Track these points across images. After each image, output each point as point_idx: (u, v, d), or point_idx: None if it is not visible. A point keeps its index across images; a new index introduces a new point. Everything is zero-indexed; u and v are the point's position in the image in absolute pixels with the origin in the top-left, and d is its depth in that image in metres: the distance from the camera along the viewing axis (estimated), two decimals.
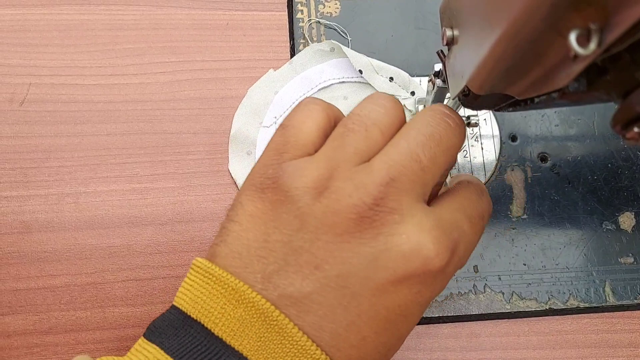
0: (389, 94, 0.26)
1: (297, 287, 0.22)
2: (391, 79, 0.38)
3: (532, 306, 0.36)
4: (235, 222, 0.24)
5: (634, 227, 0.38)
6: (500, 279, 0.36)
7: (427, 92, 0.35)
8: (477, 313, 0.35)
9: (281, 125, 0.26)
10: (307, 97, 0.27)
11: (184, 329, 0.22)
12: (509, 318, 0.36)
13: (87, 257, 0.35)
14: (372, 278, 0.22)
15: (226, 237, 0.24)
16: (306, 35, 0.40)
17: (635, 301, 0.36)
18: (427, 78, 0.39)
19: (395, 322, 0.23)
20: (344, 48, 0.38)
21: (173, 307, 0.24)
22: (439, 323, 0.35)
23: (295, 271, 0.22)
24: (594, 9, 0.16)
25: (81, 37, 0.39)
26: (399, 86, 0.38)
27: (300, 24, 0.40)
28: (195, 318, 0.22)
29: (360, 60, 0.38)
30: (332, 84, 0.39)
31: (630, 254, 0.37)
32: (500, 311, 0.36)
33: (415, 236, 0.22)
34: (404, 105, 0.38)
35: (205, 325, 0.22)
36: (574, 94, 0.20)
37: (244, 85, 0.39)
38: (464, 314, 0.35)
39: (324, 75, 0.39)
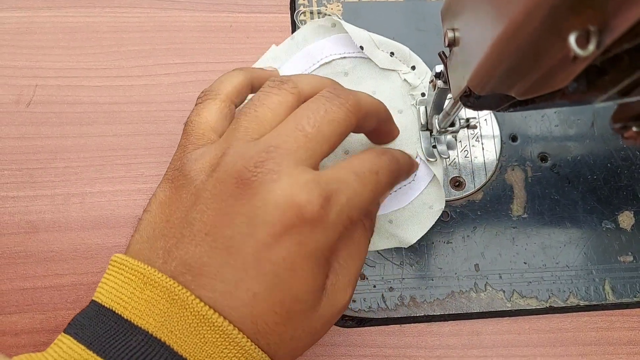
0: (285, 77, 0.29)
1: (191, 254, 0.24)
2: (392, 53, 0.38)
3: (533, 304, 0.36)
4: (147, 212, 0.27)
5: (633, 226, 0.38)
6: (501, 277, 0.37)
7: (428, 93, 0.35)
8: (478, 311, 0.36)
9: (185, 123, 0.29)
10: (201, 94, 0.31)
11: (97, 317, 0.24)
12: (509, 316, 0.36)
13: (93, 256, 0.35)
14: (253, 234, 0.23)
15: (139, 227, 0.27)
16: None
17: (635, 299, 0.36)
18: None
19: (283, 276, 0.24)
20: (344, 24, 0.38)
21: (92, 301, 0.25)
22: (440, 321, 0.36)
23: (189, 241, 0.24)
24: (593, 12, 0.16)
25: (86, 39, 0.40)
26: (400, 61, 0.39)
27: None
28: (108, 307, 0.24)
29: (361, 35, 0.38)
30: (334, 60, 0.39)
31: (630, 253, 0.37)
32: (501, 309, 0.36)
33: (289, 189, 0.23)
34: (405, 79, 0.38)
35: (116, 311, 0.24)
36: (573, 95, 0.21)
37: None
38: (465, 312, 0.36)
39: (325, 51, 0.39)
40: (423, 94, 0.38)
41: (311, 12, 0.41)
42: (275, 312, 0.24)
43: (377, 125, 0.31)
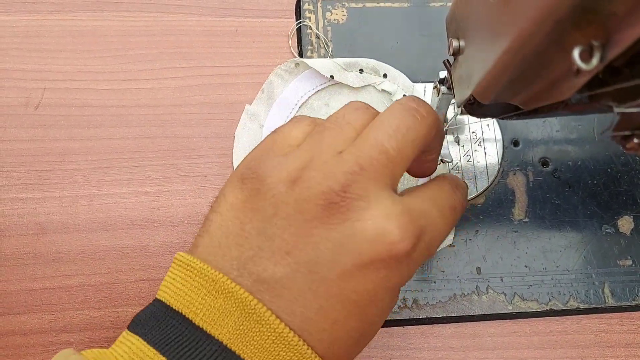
0: (361, 101, 0.27)
1: (270, 272, 0.23)
2: (361, 70, 0.39)
3: (533, 307, 0.37)
4: (216, 213, 0.25)
5: (632, 230, 0.38)
6: (502, 280, 0.37)
7: (432, 98, 0.35)
8: (479, 314, 0.36)
9: (272, 131, 0.28)
10: (296, 115, 0.29)
11: (165, 320, 0.23)
12: (510, 319, 0.37)
13: (101, 257, 0.36)
14: (339, 262, 0.23)
15: (208, 228, 0.25)
16: (314, 42, 0.41)
17: (634, 302, 0.37)
18: (432, 84, 0.40)
19: (364, 306, 0.23)
20: (307, 60, 0.38)
21: (156, 300, 0.24)
22: (442, 323, 0.36)
23: (268, 257, 0.23)
24: (597, 27, 0.16)
25: (94, 43, 0.40)
26: (370, 74, 0.39)
27: (308, 31, 0.41)
28: (177, 309, 0.23)
29: (326, 65, 0.38)
30: (310, 97, 0.39)
31: (629, 257, 0.38)
32: (503, 312, 0.36)
33: (381, 221, 0.22)
34: (382, 89, 0.39)
35: (186, 315, 0.23)
36: (576, 105, 0.21)
37: (252, 91, 0.39)
38: (467, 314, 0.36)
39: (298, 92, 0.39)
40: (405, 95, 0.38)
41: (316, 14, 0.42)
42: (350, 337, 0.24)
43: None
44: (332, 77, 0.39)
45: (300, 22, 0.41)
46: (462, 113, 0.31)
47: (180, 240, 0.36)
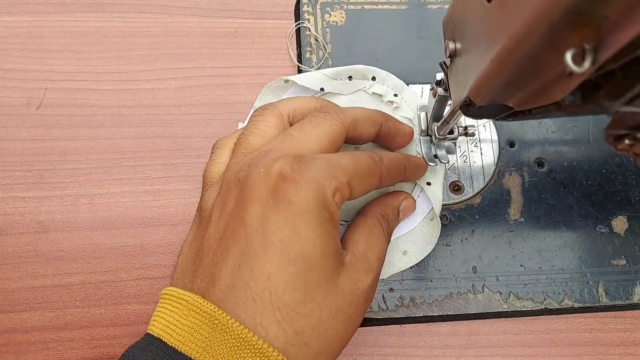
0: (264, 106, 0.32)
1: (210, 264, 0.26)
2: (350, 77, 0.39)
3: (529, 306, 0.37)
4: (180, 254, 0.29)
5: (626, 230, 0.39)
6: (498, 279, 0.37)
7: (429, 100, 0.36)
8: (475, 312, 0.37)
9: (202, 175, 0.32)
10: (214, 144, 0.34)
11: (147, 347, 0.25)
12: (506, 317, 0.37)
13: (102, 256, 0.36)
14: (250, 213, 0.25)
15: (176, 268, 0.29)
16: (313, 44, 0.41)
17: (627, 301, 0.37)
18: (428, 86, 0.40)
19: (289, 243, 0.24)
20: (296, 77, 0.38)
21: (145, 334, 0.26)
22: (439, 321, 0.37)
23: (207, 254, 0.26)
24: (589, 31, 0.17)
25: (95, 44, 0.40)
26: (359, 79, 0.39)
27: (307, 32, 0.42)
28: (157, 336, 0.25)
29: (315, 78, 0.39)
30: None
31: (623, 257, 0.38)
32: (498, 310, 0.37)
33: (270, 164, 0.26)
34: (373, 92, 0.39)
35: (162, 339, 0.25)
36: (569, 107, 0.22)
37: (252, 91, 0.40)
38: (463, 313, 0.37)
39: None
40: (396, 94, 0.38)
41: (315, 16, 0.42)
42: (293, 288, 0.24)
43: (380, 130, 0.32)
44: (322, 89, 0.39)
45: (299, 24, 0.42)
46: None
47: (179, 239, 0.37)
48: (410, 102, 0.39)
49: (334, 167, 0.26)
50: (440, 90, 0.33)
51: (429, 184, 0.36)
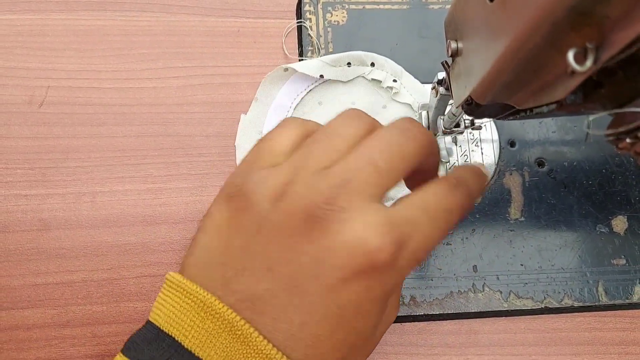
0: (356, 109, 0.26)
1: (252, 290, 0.23)
2: (349, 64, 0.39)
3: (529, 305, 0.37)
4: (203, 233, 0.25)
5: (626, 230, 0.39)
6: (498, 278, 0.38)
7: (430, 99, 0.36)
8: (476, 311, 0.37)
9: (259, 139, 0.27)
10: (284, 119, 0.28)
11: (156, 342, 0.23)
12: (506, 316, 0.37)
13: (104, 253, 0.36)
14: (320, 276, 0.22)
15: (194, 249, 0.25)
16: (314, 43, 0.42)
17: (627, 301, 0.38)
18: (430, 85, 0.40)
19: (349, 319, 0.23)
20: (295, 65, 0.38)
21: (148, 322, 0.24)
22: (439, 320, 0.37)
23: (250, 274, 0.23)
24: (591, 30, 0.17)
25: (97, 42, 0.41)
26: (358, 66, 0.40)
27: (309, 32, 0.42)
28: (167, 332, 0.23)
29: (314, 66, 0.39)
30: (303, 97, 0.40)
31: (623, 256, 0.39)
32: (498, 309, 0.37)
33: (360, 232, 0.22)
34: (372, 78, 0.39)
35: (175, 338, 0.23)
36: (571, 106, 0.22)
37: (254, 90, 0.40)
38: (463, 311, 0.37)
39: (291, 94, 0.40)
40: (395, 80, 0.38)
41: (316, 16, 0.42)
42: (337, 350, 0.23)
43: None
44: (321, 76, 0.39)
45: (300, 22, 0.42)
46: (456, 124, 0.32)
47: (181, 237, 0.37)
48: (410, 88, 0.39)
49: (425, 252, 0.24)
50: (441, 89, 0.33)
51: None
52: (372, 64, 0.39)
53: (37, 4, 0.41)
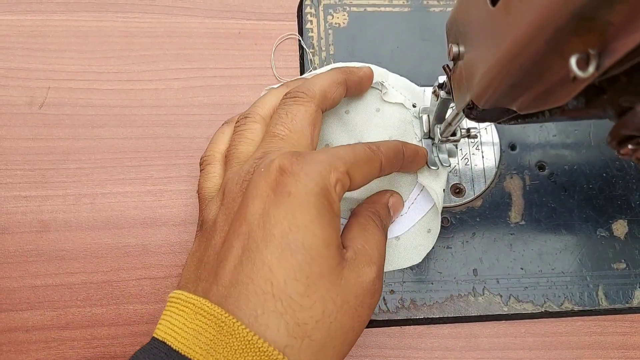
0: (242, 114, 0.33)
1: (213, 265, 0.26)
2: None
3: (529, 308, 0.37)
4: (184, 267, 0.29)
5: (626, 234, 0.39)
6: (498, 282, 0.38)
7: (431, 102, 0.36)
8: (476, 314, 0.37)
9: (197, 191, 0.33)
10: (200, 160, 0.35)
11: (151, 351, 0.25)
12: (506, 320, 0.37)
13: (103, 255, 0.36)
14: (251, 210, 0.26)
15: (181, 279, 0.29)
16: (315, 45, 0.42)
17: (627, 305, 0.37)
18: (431, 88, 0.40)
19: (288, 235, 0.25)
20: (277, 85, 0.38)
21: (152, 338, 0.26)
22: (439, 323, 0.37)
23: (212, 259, 0.27)
24: (593, 36, 0.17)
25: (98, 44, 0.40)
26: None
27: (310, 34, 0.42)
28: (161, 339, 0.25)
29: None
30: None
31: (623, 260, 0.38)
32: (498, 313, 0.37)
33: (269, 162, 0.27)
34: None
35: (166, 342, 0.24)
36: (572, 111, 0.22)
37: (254, 93, 0.40)
38: (463, 315, 0.37)
39: None
40: (382, 83, 0.38)
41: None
42: (295, 280, 0.24)
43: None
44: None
45: (291, 35, 0.42)
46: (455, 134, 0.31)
47: (181, 240, 0.37)
48: (398, 87, 0.39)
49: (333, 157, 0.27)
50: (442, 93, 0.33)
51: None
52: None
53: (38, 4, 0.41)
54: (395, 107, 0.38)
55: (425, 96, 0.40)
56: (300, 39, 0.42)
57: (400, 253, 0.36)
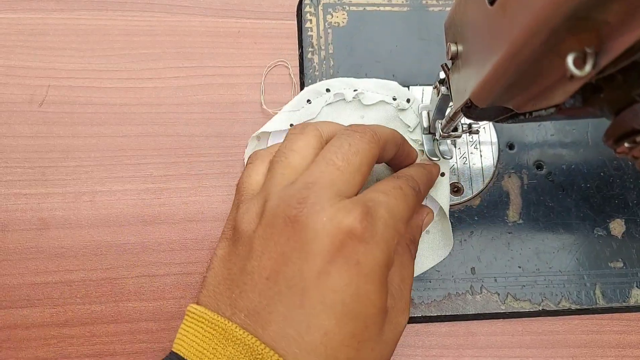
0: (299, 126, 0.31)
1: (256, 302, 0.25)
2: (308, 101, 0.39)
3: (526, 307, 0.37)
4: (210, 269, 0.28)
5: (623, 233, 0.39)
6: (496, 280, 0.38)
7: (431, 98, 0.36)
8: (473, 313, 0.37)
9: (237, 183, 0.31)
10: (250, 155, 0.33)
11: None
12: (503, 318, 0.37)
13: (103, 253, 0.36)
14: (310, 265, 0.24)
15: (205, 283, 0.28)
16: (314, 44, 0.42)
17: (624, 304, 0.38)
18: (429, 87, 0.40)
19: (349, 303, 0.24)
20: (264, 128, 0.38)
21: (172, 352, 0.26)
22: (437, 322, 0.37)
23: (251, 289, 0.25)
24: (590, 35, 0.17)
25: (98, 42, 0.41)
26: (315, 98, 0.39)
27: (309, 33, 0.42)
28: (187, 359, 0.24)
29: (280, 120, 0.38)
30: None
31: (620, 259, 0.39)
32: (496, 311, 0.37)
33: (333, 214, 0.25)
34: (337, 99, 0.39)
35: None
36: (570, 110, 0.22)
37: (254, 91, 0.40)
38: (461, 313, 0.37)
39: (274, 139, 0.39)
40: (355, 90, 0.38)
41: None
42: (347, 346, 0.24)
43: (395, 152, 0.32)
44: (291, 125, 0.38)
45: (280, 63, 0.42)
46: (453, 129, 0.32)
47: (180, 237, 0.37)
48: (370, 88, 0.39)
49: (397, 220, 0.27)
50: (443, 89, 0.33)
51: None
52: (328, 90, 0.39)
53: (38, 3, 0.41)
54: (377, 107, 0.38)
55: (425, 94, 0.40)
56: (289, 67, 0.41)
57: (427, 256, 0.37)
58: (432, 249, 0.37)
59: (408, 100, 0.38)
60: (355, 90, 0.38)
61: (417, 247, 0.33)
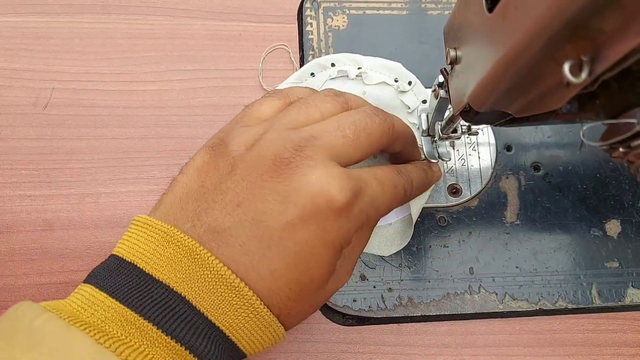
0: (334, 90, 0.31)
1: (220, 222, 0.25)
2: (312, 74, 0.40)
3: (524, 306, 0.38)
4: (183, 174, 0.28)
5: (619, 233, 0.40)
6: (494, 280, 0.38)
7: (430, 101, 0.37)
8: (472, 312, 0.37)
9: (245, 105, 0.31)
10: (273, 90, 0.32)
11: (118, 270, 0.25)
12: (501, 317, 0.38)
13: (107, 254, 0.36)
14: (283, 213, 0.25)
15: (173, 187, 0.28)
16: (315, 47, 0.42)
17: (620, 303, 0.38)
18: (429, 90, 0.41)
19: (303, 258, 0.25)
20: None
21: (111, 255, 0.26)
22: (436, 321, 0.37)
23: (220, 208, 0.25)
24: (586, 43, 0.18)
25: (102, 45, 0.41)
26: (320, 72, 0.40)
27: (310, 36, 0.42)
28: (129, 260, 0.25)
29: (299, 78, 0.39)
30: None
31: (616, 259, 0.39)
32: (494, 311, 0.38)
33: (323, 178, 0.25)
34: (338, 71, 0.39)
35: (137, 265, 0.24)
36: (566, 115, 0.22)
37: (255, 94, 0.41)
38: (459, 312, 0.37)
39: None
40: (359, 68, 0.39)
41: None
42: (290, 289, 0.25)
43: (402, 148, 0.33)
44: (313, 74, 0.39)
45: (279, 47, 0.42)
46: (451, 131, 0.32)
47: None
48: (375, 67, 0.39)
49: (376, 212, 0.28)
50: (442, 92, 0.33)
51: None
52: (332, 65, 0.40)
53: (42, 6, 0.41)
54: (379, 87, 0.39)
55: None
56: (290, 50, 0.42)
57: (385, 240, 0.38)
58: (390, 240, 0.38)
59: (409, 83, 0.39)
60: (359, 69, 0.39)
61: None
